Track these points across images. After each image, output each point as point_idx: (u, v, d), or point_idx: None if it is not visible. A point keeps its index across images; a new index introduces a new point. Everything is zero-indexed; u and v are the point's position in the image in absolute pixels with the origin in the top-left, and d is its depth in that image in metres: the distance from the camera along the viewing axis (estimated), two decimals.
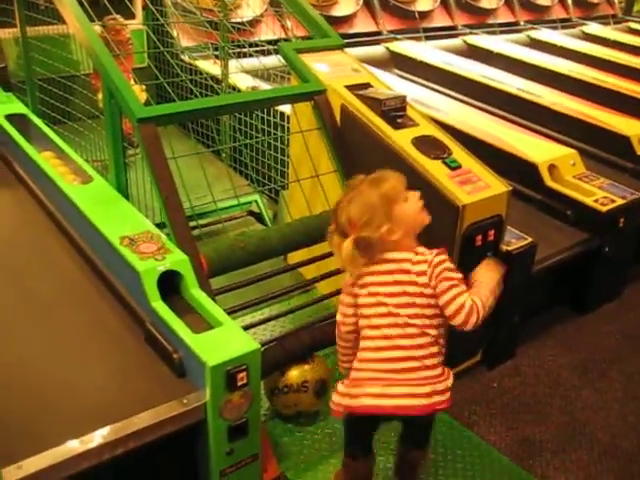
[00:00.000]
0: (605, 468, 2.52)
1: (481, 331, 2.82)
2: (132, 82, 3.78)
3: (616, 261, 3.45)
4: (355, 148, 2.84)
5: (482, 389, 2.88)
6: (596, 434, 2.68)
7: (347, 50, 3.38)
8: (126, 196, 2.76)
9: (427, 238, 2.66)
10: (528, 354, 3.12)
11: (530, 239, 2.90)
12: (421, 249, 2.01)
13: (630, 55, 5.60)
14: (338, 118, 2.94)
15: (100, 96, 3.78)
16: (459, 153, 2.78)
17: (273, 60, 3.43)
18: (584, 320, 3.41)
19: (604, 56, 5.59)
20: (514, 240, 2.88)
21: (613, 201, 3.30)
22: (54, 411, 1.96)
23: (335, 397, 2.06)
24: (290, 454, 2.46)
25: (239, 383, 2.03)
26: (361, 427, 2.13)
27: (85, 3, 2.89)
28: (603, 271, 3.42)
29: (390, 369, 1.95)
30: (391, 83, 3.34)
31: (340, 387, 2.06)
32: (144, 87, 3.88)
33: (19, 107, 3.33)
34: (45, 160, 2.93)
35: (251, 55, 3.78)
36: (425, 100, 4.20)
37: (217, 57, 4.17)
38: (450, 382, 2.00)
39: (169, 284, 2.27)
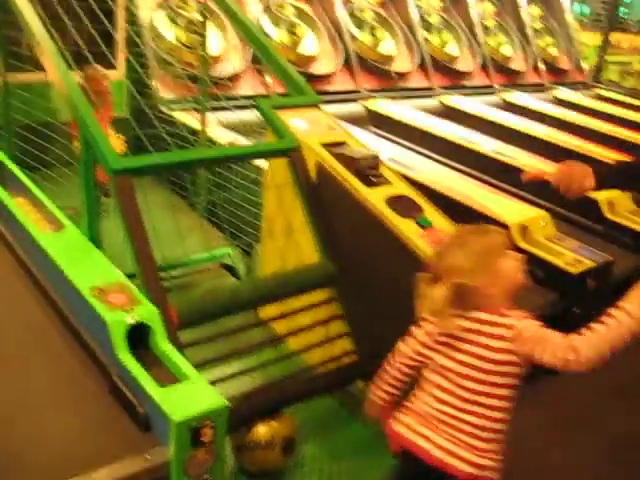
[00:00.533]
0: None
1: None
2: (110, 132, 3.80)
3: (585, 321, 3.47)
4: (329, 204, 2.87)
5: None
6: None
7: (325, 107, 3.44)
8: (98, 245, 2.75)
9: (398, 295, 2.69)
10: None
11: None
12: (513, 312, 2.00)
13: (599, 121, 5.78)
14: (313, 175, 2.97)
15: (76, 144, 3.81)
16: (430, 212, 2.83)
17: (251, 115, 3.48)
18: (555, 379, 3.40)
19: (575, 121, 5.76)
20: None
21: (583, 263, 3.35)
22: (13, 462, 1.91)
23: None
24: None
25: (204, 439, 2.00)
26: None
27: (66, 53, 2.92)
28: (573, 332, 3.44)
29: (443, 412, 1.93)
30: (367, 141, 3.40)
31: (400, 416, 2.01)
32: (123, 137, 3.90)
33: None
34: (18, 206, 2.91)
35: (230, 109, 3.84)
36: (400, 158, 4.28)
37: (196, 110, 4.22)
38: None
39: (138, 336, 2.25)
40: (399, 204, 2.80)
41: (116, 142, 3.73)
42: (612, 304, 3.55)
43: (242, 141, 3.80)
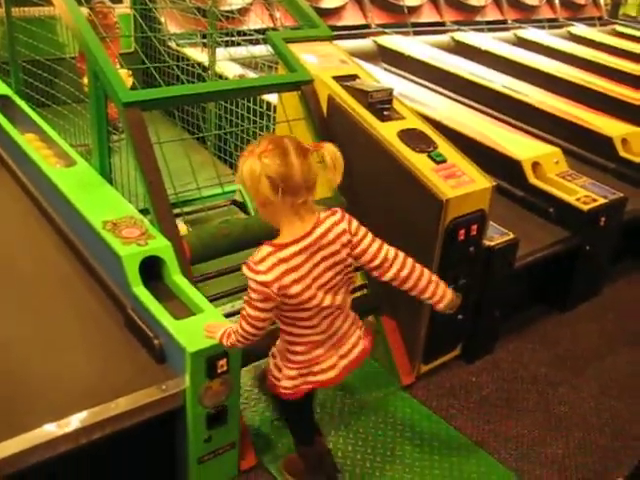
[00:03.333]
0: (579, 462, 2.54)
1: (461, 325, 2.86)
2: (118, 66, 3.74)
3: (596, 260, 3.48)
4: (341, 139, 2.83)
5: (460, 383, 2.90)
6: (571, 429, 2.71)
7: (335, 42, 3.37)
8: (110, 181, 2.74)
9: (410, 231, 2.69)
10: (507, 349, 3.14)
11: (512, 235, 2.91)
12: None
13: (615, 57, 5.65)
14: (325, 109, 2.93)
15: (86, 80, 3.76)
16: (444, 147, 2.79)
17: (261, 49, 3.41)
18: (563, 318, 3.44)
19: (590, 57, 5.63)
20: (496, 236, 2.90)
21: (595, 200, 3.32)
22: (33, 394, 1.96)
23: None
24: (268, 444, 2.45)
25: (219, 370, 2.03)
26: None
27: None
28: (583, 270, 3.45)
29: None
30: (378, 76, 3.34)
31: None
32: (130, 72, 3.85)
33: (2, 88, 3.29)
34: (28, 142, 2.90)
35: (239, 44, 3.76)
36: (411, 94, 4.21)
37: (205, 45, 4.14)
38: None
39: (151, 269, 2.27)
40: (412, 139, 2.76)
41: (125, 77, 3.68)
42: (623, 242, 3.59)
43: (252, 75, 3.74)
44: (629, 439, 2.68)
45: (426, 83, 4.96)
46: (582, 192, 3.37)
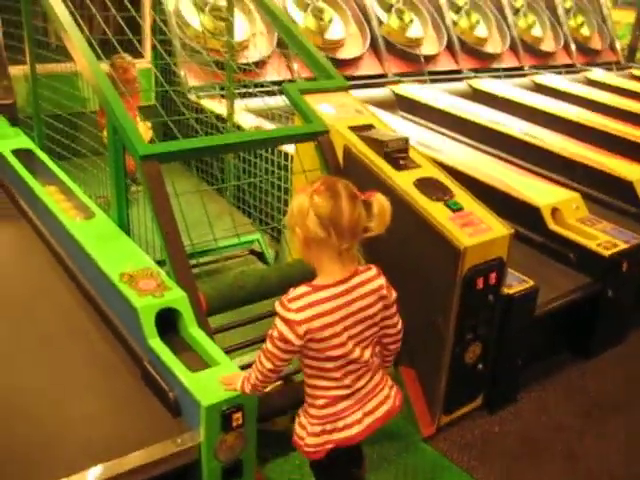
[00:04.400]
0: None
1: (481, 375, 2.81)
2: (138, 120, 3.81)
3: (619, 305, 3.43)
4: (357, 189, 2.85)
5: (482, 434, 2.83)
6: None
7: (353, 92, 3.41)
8: (127, 232, 2.77)
9: (427, 280, 2.67)
10: (530, 399, 3.08)
11: (532, 282, 2.88)
12: None
13: (634, 101, 5.65)
14: (341, 159, 2.95)
15: (105, 133, 3.84)
16: (461, 195, 2.79)
17: (278, 101, 3.46)
18: (588, 365, 3.37)
19: (608, 102, 5.64)
20: (515, 283, 2.87)
21: (616, 245, 3.28)
22: (48, 446, 1.95)
23: None
24: None
25: (234, 424, 2.01)
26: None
27: (94, 42, 2.94)
28: (606, 316, 3.39)
29: None
30: (395, 125, 3.37)
31: None
32: (150, 125, 3.92)
33: (25, 142, 3.37)
34: (49, 195, 2.95)
35: (256, 95, 3.82)
36: (428, 142, 4.23)
37: (223, 97, 4.22)
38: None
39: (167, 321, 2.27)
40: (428, 188, 2.77)
41: (144, 130, 3.75)
42: None
43: (268, 126, 3.79)
44: None
45: (443, 130, 4.99)
46: (603, 237, 3.33)
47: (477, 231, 2.62)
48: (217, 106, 4.26)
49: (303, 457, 2.06)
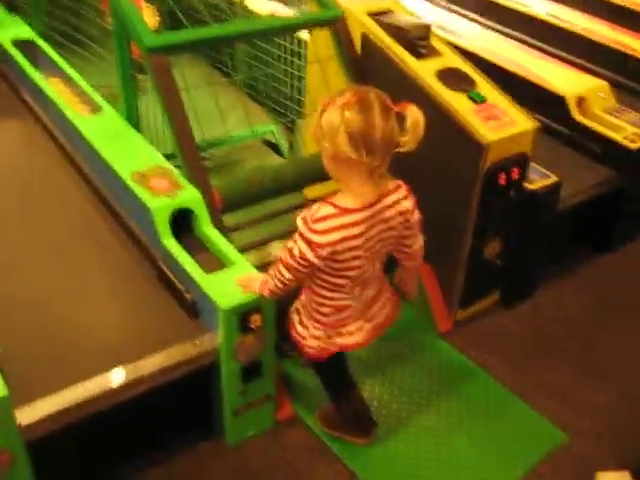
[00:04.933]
0: (621, 412, 2.48)
1: (499, 269, 2.78)
2: (142, 4, 3.60)
3: None
4: (375, 79, 2.70)
5: (499, 330, 2.83)
6: (613, 378, 2.64)
7: None
8: (136, 126, 2.67)
9: (448, 175, 2.58)
10: (548, 294, 3.04)
11: (555, 177, 2.78)
12: None
13: None
14: (358, 46, 2.79)
15: (109, 20, 3.64)
16: (484, 86, 2.65)
17: None
18: (607, 260, 3.32)
19: None
20: (537, 178, 2.77)
21: None
22: (69, 350, 1.96)
23: None
24: (304, 393, 2.43)
25: (252, 325, 2.00)
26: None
27: None
28: (628, 209, 3.31)
29: None
30: (411, 5, 3.15)
31: None
32: (155, 9, 3.71)
33: (26, 31, 3.21)
34: (53, 87, 2.83)
35: None
36: (447, 24, 4.01)
37: None
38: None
39: (182, 220, 2.21)
40: (451, 77, 2.63)
41: (149, 15, 3.55)
42: None
43: (282, 11, 3.57)
44: None
45: (463, 11, 4.72)
46: (630, 129, 3.19)
47: (501, 125, 2.50)
48: None
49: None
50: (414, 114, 1.65)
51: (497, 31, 4.31)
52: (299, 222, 1.73)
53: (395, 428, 2.34)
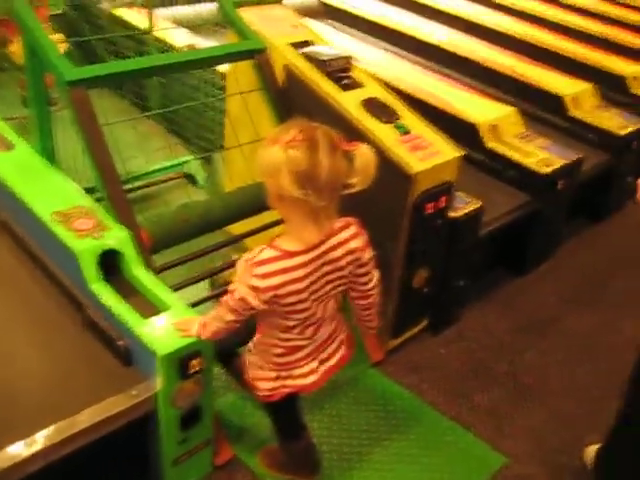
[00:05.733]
0: (552, 431, 2.55)
1: (427, 297, 2.81)
2: (51, 31, 3.46)
3: (553, 222, 3.48)
4: (300, 110, 2.67)
5: (430, 356, 2.86)
6: (541, 397, 2.71)
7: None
8: (52, 160, 2.53)
9: (376, 206, 2.59)
10: (472, 318, 3.11)
11: (477, 204, 2.84)
12: None
13: (564, 12, 5.56)
14: (281, 78, 2.78)
15: (11, 48, 3.47)
16: (408, 116, 2.69)
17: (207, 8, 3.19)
18: (523, 281, 3.43)
19: (537, 13, 5.54)
20: (461, 205, 2.82)
21: (552, 163, 3.27)
22: None
23: None
24: (242, 435, 2.37)
25: (192, 370, 1.92)
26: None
27: None
28: (541, 232, 3.43)
29: None
30: (328, 37, 3.17)
31: None
32: (63, 37, 3.57)
33: None
34: None
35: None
36: (361, 55, 4.06)
37: (143, 5, 3.88)
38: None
39: (108, 263, 2.11)
40: (375, 108, 2.65)
41: (58, 42, 3.40)
42: (579, 202, 3.59)
43: (201, 43, 3.52)
44: (592, 403, 2.70)
45: (373, 39, 4.81)
46: (540, 154, 3.32)
47: (427, 155, 2.54)
48: (136, 16, 3.92)
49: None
50: (364, 154, 1.61)
51: (405, 58, 4.41)
52: (240, 265, 1.67)
53: (338, 464, 2.31)
